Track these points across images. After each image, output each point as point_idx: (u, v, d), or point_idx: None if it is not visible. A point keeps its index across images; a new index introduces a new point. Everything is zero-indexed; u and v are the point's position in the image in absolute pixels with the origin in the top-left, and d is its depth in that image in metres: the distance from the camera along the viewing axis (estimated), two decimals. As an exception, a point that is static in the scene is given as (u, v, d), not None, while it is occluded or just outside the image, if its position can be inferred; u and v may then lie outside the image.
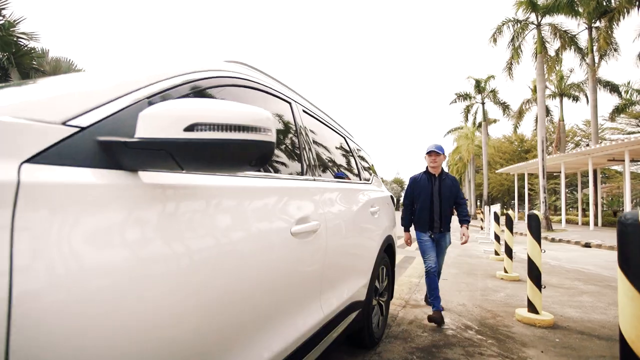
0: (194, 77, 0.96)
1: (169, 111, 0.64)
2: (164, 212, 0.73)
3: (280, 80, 1.54)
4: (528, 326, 2.91)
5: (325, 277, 1.47)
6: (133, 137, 0.65)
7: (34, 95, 0.68)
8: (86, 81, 0.77)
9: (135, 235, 0.67)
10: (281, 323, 1.13)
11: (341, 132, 2.38)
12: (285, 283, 1.18)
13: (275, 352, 1.06)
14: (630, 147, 11.92)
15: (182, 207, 0.78)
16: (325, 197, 1.55)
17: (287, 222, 1.18)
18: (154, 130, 0.64)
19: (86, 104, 0.68)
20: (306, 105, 1.77)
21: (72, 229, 0.57)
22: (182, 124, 0.63)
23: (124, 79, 0.80)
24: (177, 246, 0.75)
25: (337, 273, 1.63)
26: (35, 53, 14.93)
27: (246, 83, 1.21)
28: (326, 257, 1.46)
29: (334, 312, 1.55)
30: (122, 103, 0.74)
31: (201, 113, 0.64)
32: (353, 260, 1.87)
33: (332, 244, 1.52)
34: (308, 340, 1.29)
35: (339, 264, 1.65)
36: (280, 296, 1.15)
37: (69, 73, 15.58)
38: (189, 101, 0.67)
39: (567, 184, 23.82)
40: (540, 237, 3.11)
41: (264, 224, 1.06)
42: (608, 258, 7.38)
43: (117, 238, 0.63)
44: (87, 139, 0.64)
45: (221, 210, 0.90)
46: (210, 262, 0.83)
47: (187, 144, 0.63)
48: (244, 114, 0.67)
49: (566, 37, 15.59)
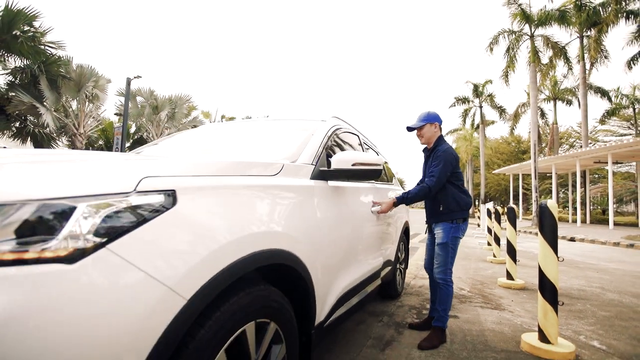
0: (333, 130, 2.05)
1: (343, 157, 1.70)
2: (338, 197, 1.80)
3: (350, 123, 2.62)
4: (506, 289, 4.02)
5: (382, 240, 2.60)
6: (329, 168, 1.72)
7: (302, 153, 1.71)
8: (298, 143, 1.83)
9: (330, 205, 1.72)
10: (366, 260, 2.22)
11: (375, 149, 3.47)
12: (375, 238, 2.33)
13: (361, 274, 2.12)
14: (612, 151, 13.04)
15: (346, 194, 1.86)
16: (382, 193, 2.67)
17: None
18: (337, 165, 1.69)
19: (313, 156, 1.74)
20: (362, 135, 2.86)
21: (311, 203, 1.62)
22: (350, 162, 1.69)
23: (312, 142, 1.85)
24: (343, 209, 1.81)
25: (386, 239, 2.74)
26: (62, 61, 15.83)
27: (341, 126, 2.29)
28: (384, 228, 2.58)
29: (382, 262, 2.65)
30: (319, 151, 1.80)
31: (357, 158, 1.69)
32: (391, 232, 2.98)
33: (384, 222, 2.64)
34: (372, 274, 2.37)
35: (387, 233, 2.77)
36: (370, 245, 2.27)
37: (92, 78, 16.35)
38: (351, 153, 1.70)
39: (561, 184, 24.94)
40: (515, 224, 4.23)
41: (364, 201, 2.21)
42: (586, 249, 8.49)
43: (325, 207, 1.68)
44: (315, 169, 1.71)
45: (361, 195, 2.03)
46: (353, 216, 1.92)
47: (351, 170, 1.69)
48: (373, 158, 1.72)
49: (557, 48, 16.66)
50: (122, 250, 0.71)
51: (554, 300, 2.23)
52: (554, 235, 2.29)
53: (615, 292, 4.05)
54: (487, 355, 2.19)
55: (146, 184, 0.80)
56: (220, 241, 0.92)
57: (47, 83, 15.21)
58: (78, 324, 0.64)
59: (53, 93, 15.41)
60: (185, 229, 0.85)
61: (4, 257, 0.61)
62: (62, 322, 0.62)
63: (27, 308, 0.60)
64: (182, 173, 0.93)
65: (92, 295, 0.66)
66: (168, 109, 21.77)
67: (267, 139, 2.06)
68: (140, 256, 0.73)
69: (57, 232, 0.66)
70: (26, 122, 16.03)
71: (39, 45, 14.67)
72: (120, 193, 0.75)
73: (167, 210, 0.82)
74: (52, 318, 0.62)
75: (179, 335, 0.78)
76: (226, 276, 0.90)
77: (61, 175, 0.76)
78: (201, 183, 0.96)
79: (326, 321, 1.57)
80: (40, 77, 14.89)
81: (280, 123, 2.31)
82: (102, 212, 0.71)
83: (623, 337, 2.58)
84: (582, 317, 3.03)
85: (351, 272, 1.93)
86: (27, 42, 13.75)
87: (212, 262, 0.88)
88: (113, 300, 0.68)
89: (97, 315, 0.66)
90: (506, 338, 2.50)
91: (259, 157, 1.67)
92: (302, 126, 2.08)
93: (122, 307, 0.69)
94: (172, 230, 0.81)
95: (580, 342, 2.45)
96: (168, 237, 0.80)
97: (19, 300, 0.59)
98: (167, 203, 0.83)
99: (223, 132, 2.32)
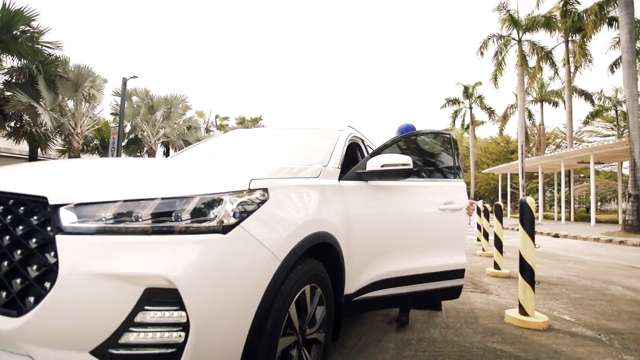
0: (352, 138, 2.45)
1: (376, 161, 2.05)
2: (377, 194, 2.13)
3: (358, 130, 3.04)
4: (494, 277, 4.50)
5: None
6: (365, 170, 2.09)
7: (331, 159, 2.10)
8: (325, 150, 2.23)
9: (371, 201, 2.07)
10: (411, 257, 2.26)
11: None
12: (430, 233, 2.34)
13: (402, 269, 2.21)
14: (594, 152, 13.77)
15: (382, 192, 2.17)
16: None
17: (434, 203, 2.58)
18: (372, 167, 2.06)
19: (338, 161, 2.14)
20: (366, 139, 3.27)
21: (355, 198, 1.99)
22: (380, 164, 2.05)
23: (337, 150, 2.26)
24: (383, 205, 2.14)
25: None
26: (59, 61, 15.87)
27: (355, 134, 2.69)
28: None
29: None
30: (341, 157, 2.20)
31: (386, 160, 2.06)
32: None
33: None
34: (423, 275, 2.30)
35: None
36: (417, 242, 2.29)
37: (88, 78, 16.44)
38: (383, 156, 2.05)
39: (547, 183, 25.83)
40: (502, 219, 4.72)
41: (412, 199, 2.35)
42: (568, 244, 9.10)
43: (368, 202, 2.04)
44: (352, 172, 2.08)
45: (393, 192, 2.24)
46: (391, 212, 2.23)
47: (383, 171, 2.06)
48: (404, 158, 2.09)
49: (542, 53, 17.37)
50: (247, 227, 1.11)
51: (532, 280, 2.70)
52: (532, 226, 2.76)
53: (589, 279, 4.57)
54: (476, 326, 2.63)
55: (253, 183, 1.21)
56: (297, 223, 1.33)
57: (45, 83, 15.26)
58: (228, 269, 1.05)
59: (50, 93, 15.47)
60: (275, 215, 1.25)
61: (190, 228, 1.02)
62: (222, 268, 1.03)
63: (204, 258, 1.00)
64: (268, 176, 1.33)
65: (235, 253, 1.07)
66: (164, 109, 21.90)
67: (297, 146, 2.45)
68: (255, 231, 1.14)
69: (215, 214, 1.06)
70: (22, 121, 16.07)
71: (37, 45, 14.73)
72: (242, 190, 1.16)
73: (265, 202, 1.22)
74: (216, 264, 1.02)
75: (277, 284, 1.19)
76: (301, 247, 1.31)
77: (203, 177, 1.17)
78: (279, 183, 1.36)
79: (355, 296, 1.95)
80: (38, 77, 14.94)
81: (305, 131, 2.71)
82: (235, 202, 1.12)
83: (589, 312, 3.07)
84: (557, 299, 3.51)
85: (387, 263, 2.07)
86: (27, 43, 13.81)
87: (293, 237, 1.28)
88: (245, 256, 1.09)
89: (238, 265, 1.07)
90: (492, 314, 2.95)
91: (295, 162, 2.07)
92: (325, 134, 2.48)
93: (249, 261, 1.10)
94: (269, 216, 1.22)
95: (553, 316, 2.92)
96: (267, 220, 1.21)
97: (200, 253, 1.00)
98: (264, 197, 1.23)
99: (254, 139, 2.72)
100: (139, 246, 0.99)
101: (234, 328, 1.07)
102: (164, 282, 0.95)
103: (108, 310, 0.94)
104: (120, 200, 1.03)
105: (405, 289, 2.14)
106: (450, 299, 2.36)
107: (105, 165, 1.52)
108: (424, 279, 2.20)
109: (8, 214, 1.06)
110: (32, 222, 1.02)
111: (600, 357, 2.15)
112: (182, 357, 0.96)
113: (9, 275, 1.00)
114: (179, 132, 24.16)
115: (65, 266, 0.94)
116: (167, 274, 0.94)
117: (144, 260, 0.97)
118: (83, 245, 0.97)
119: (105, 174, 1.32)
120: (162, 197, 1.05)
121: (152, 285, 0.96)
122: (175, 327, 0.96)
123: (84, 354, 0.94)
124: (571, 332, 2.56)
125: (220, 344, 1.03)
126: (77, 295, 0.94)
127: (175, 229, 1.01)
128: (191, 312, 0.96)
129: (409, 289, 2.16)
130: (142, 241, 0.99)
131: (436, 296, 2.39)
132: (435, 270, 2.22)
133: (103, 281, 0.94)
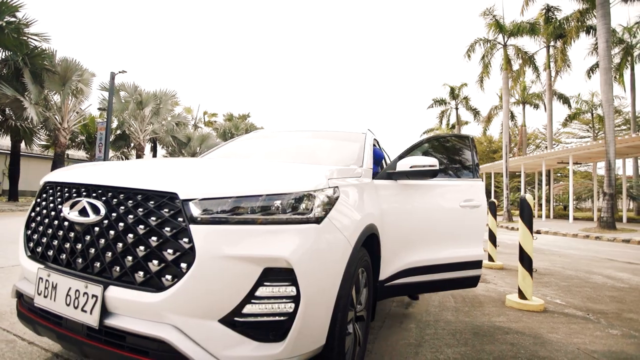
0: (372, 140, 2.72)
1: (405, 162, 2.31)
2: (405, 192, 2.39)
3: (372, 132, 3.32)
4: (488, 269, 4.90)
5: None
6: (395, 170, 2.36)
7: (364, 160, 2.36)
8: (357, 152, 2.49)
9: (400, 197, 2.33)
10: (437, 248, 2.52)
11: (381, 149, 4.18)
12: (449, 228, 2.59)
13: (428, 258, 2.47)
14: (573, 153, 14.60)
15: (410, 190, 2.42)
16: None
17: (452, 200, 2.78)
18: (401, 168, 2.31)
19: (370, 162, 2.41)
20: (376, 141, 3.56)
21: (386, 195, 2.27)
22: (409, 165, 2.30)
23: (367, 152, 2.52)
24: (410, 200, 2.40)
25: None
26: (46, 54, 15.45)
27: (374, 137, 2.97)
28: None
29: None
30: (371, 158, 2.48)
31: (415, 162, 2.33)
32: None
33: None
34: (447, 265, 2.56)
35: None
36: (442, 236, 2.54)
37: (76, 72, 16.06)
38: (411, 158, 2.31)
39: (528, 182, 26.93)
40: (495, 215, 5.13)
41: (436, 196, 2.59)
42: (550, 240, 9.70)
43: (397, 199, 2.30)
44: (384, 172, 2.34)
45: (419, 190, 2.49)
46: (417, 208, 2.48)
47: (411, 171, 2.32)
48: (430, 160, 2.35)
49: (526, 57, 18.13)
50: (332, 218, 1.37)
51: (530, 268, 3.06)
52: (530, 220, 3.12)
53: (573, 270, 5.04)
54: (483, 309, 2.98)
55: (330, 182, 1.47)
56: (359, 215, 1.60)
57: (31, 76, 14.83)
58: (323, 253, 1.31)
59: (36, 86, 15.05)
60: (346, 209, 1.52)
61: (294, 219, 1.27)
62: (320, 252, 1.29)
63: (308, 243, 1.26)
64: (336, 176, 1.59)
65: (326, 240, 1.33)
66: (153, 105, 21.57)
67: (329, 148, 2.71)
68: (336, 221, 1.40)
69: (310, 207, 1.32)
70: (4, 115, 15.60)
71: (23, 37, 14.31)
72: (324, 188, 1.41)
73: (338, 198, 1.48)
74: (316, 249, 1.28)
75: (350, 266, 1.45)
76: (362, 236, 1.58)
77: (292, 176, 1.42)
78: (344, 182, 1.63)
79: (386, 282, 2.23)
80: (23, 70, 14.52)
81: (330, 134, 2.97)
82: (323, 197, 1.37)
83: (577, 297, 3.48)
84: (548, 286, 3.91)
85: (413, 254, 2.30)
86: (12, 34, 13.42)
87: (358, 227, 1.55)
88: (332, 242, 1.35)
89: (328, 249, 1.33)
90: (494, 299, 3.31)
91: (332, 162, 2.33)
92: (351, 137, 2.75)
93: (335, 246, 1.36)
94: (342, 209, 1.48)
95: (547, 300, 3.30)
96: (342, 212, 1.47)
97: (305, 239, 1.26)
98: (337, 194, 1.49)
99: (287, 141, 2.96)
100: (255, 233, 1.23)
101: (327, 300, 1.33)
102: (283, 263, 1.20)
103: (234, 286, 1.18)
104: (234, 196, 1.27)
105: (428, 277, 2.37)
106: (469, 287, 2.60)
107: (209, 165, 1.73)
108: (446, 268, 2.39)
109: (139, 207, 1.28)
110: (163, 214, 1.25)
111: (590, 332, 2.52)
112: (293, 324, 1.21)
113: (145, 258, 1.22)
114: (168, 128, 23.88)
115: (202, 250, 1.17)
116: (286, 256, 1.19)
117: (263, 245, 1.21)
118: (212, 233, 1.20)
119: (214, 172, 1.54)
120: (267, 193, 1.29)
121: (270, 265, 1.20)
122: (287, 299, 1.21)
123: (214, 322, 1.18)
124: (564, 313, 2.94)
125: (318, 314, 1.29)
126: (210, 274, 1.17)
127: (283, 220, 1.26)
128: (302, 287, 1.21)
129: (432, 277, 2.36)
130: (258, 229, 1.23)
131: (456, 284, 2.56)
132: (456, 261, 2.42)
133: (231, 262, 1.18)
